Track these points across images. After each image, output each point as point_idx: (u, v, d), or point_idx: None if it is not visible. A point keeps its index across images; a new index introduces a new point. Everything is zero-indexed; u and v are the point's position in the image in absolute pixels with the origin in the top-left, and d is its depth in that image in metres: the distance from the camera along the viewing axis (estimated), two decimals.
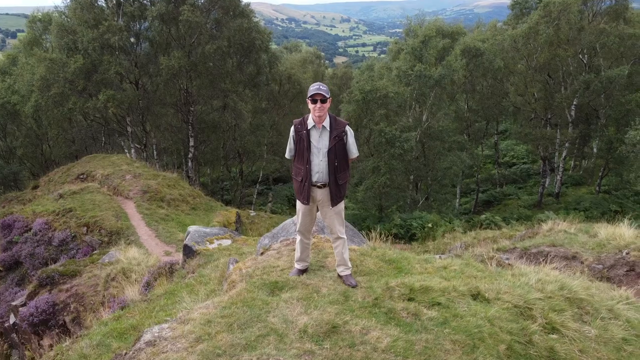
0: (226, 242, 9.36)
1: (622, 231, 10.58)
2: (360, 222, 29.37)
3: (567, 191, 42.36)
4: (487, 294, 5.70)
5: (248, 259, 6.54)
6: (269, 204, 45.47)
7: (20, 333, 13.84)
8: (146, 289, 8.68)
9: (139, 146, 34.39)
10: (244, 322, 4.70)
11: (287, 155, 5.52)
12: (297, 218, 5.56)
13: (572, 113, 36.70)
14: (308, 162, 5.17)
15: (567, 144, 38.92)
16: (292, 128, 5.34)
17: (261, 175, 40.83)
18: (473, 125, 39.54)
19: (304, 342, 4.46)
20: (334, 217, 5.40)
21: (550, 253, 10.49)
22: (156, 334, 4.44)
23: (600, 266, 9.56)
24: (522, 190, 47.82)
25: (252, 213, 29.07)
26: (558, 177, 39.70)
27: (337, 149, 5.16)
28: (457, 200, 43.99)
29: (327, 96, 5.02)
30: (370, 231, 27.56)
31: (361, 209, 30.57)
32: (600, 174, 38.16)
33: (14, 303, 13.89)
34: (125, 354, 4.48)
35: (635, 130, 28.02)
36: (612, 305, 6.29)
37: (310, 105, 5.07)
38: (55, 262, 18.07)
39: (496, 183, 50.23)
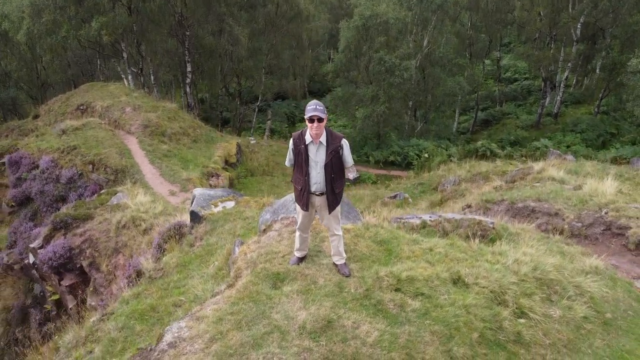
0: (230, 204, 9.94)
1: (605, 187, 11.12)
2: (358, 149, 29.89)
3: (566, 111, 42.36)
4: (467, 279, 6.37)
5: (251, 242, 7.16)
6: (268, 122, 45.64)
7: (40, 271, 14.90)
8: (158, 251, 9.41)
9: (135, 70, 33.90)
10: (251, 319, 5.40)
11: (287, 164, 5.93)
12: (297, 218, 6.07)
13: (578, 32, 35.76)
14: (306, 174, 5.60)
15: (569, 64, 38.35)
16: (291, 141, 5.69)
17: (260, 98, 40.58)
18: (475, 44, 38.62)
19: (303, 339, 5.17)
20: (331, 219, 5.92)
21: (535, 209, 11.13)
22: (176, 335, 5.15)
23: (580, 224, 10.23)
24: (522, 108, 47.73)
25: (252, 140, 29.46)
26: (558, 98, 39.55)
27: (333, 162, 5.56)
28: (456, 119, 44.14)
29: (323, 116, 5.34)
30: (369, 158, 28.30)
31: (360, 135, 30.87)
32: (600, 95, 37.97)
33: (31, 245, 14.80)
34: (150, 350, 5.23)
35: (637, 59, 27.55)
36: (580, 282, 7.00)
37: (308, 124, 5.40)
38: (64, 200, 18.89)
39: (496, 101, 50.01)
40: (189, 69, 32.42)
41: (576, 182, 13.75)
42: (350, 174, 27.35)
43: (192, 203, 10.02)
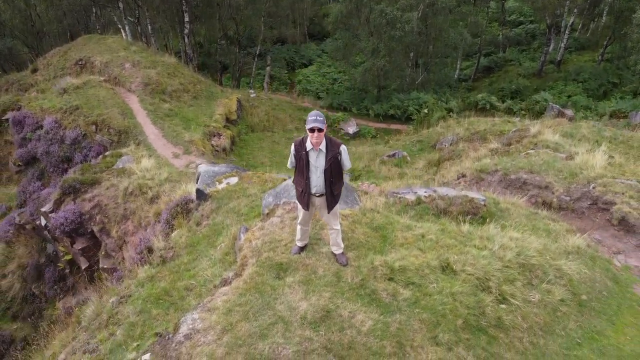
0: (233, 180, 10.35)
1: (596, 160, 11.48)
2: (358, 102, 29.88)
3: (569, 58, 41.79)
4: (455, 266, 6.92)
5: (256, 228, 7.65)
6: (268, 69, 45.19)
7: (52, 234, 15.57)
8: (167, 227, 9.94)
9: (132, 19, 33.26)
10: (257, 310, 5.98)
11: (288, 166, 6.31)
12: (298, 215, 6.53)
13: None
14: (307, 178, 6.00)
15: (576, 9, 37.45)
16: (293, 146, 6.05)
17: (259, 47, 39.93)
18: None
19: (305, 329, 5.77)
20: (330, 217, 6.38)
21: (527, 181, 11.57)
22: (190, 326, 5.75)
23: (568, 198, 10.70)
24: (525, 54, 47.03)
25: (252, 94, 29.41)
26: (562, 44, 38.93)
27: (332, 168, 5.94)
28: (458, 66, 43.63)
29: (323, 127, 5.66)
30: (368, 111, 28.45)
31: (360, 88, 30.73)
32: (605, 42, 37.36)
33: (43, 209, 15.37)
34: (167, 338, 5.84)
35: None
36: (560, 265, 7.56)
37: (309, 133, 5.73)
38: (70, 161, 19.31)
39: (499, 46, 49.17)
40: (186, 19, 31.78)
41: (570, 148, 14.11)
42: (350, 128, 27.59)
43: (197, 180, 10.44)
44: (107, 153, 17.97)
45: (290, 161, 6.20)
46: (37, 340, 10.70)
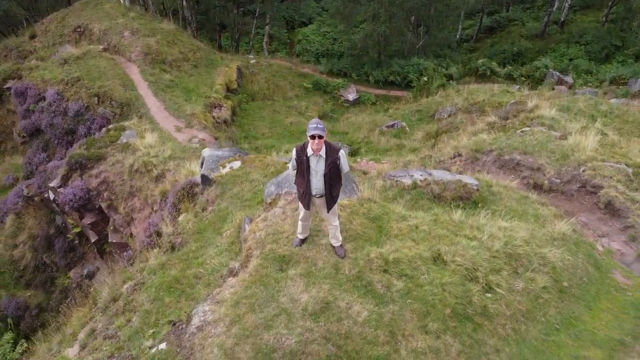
0: (236, 164, 10.73)
1: (588, 142, 11.81)
2: (358, 68, 29.77)
3: (573, 18, 41.18)
4: (445, 257, 7.42)
5: (259, 219, 8.13)
6: (267, 28, 44.63)
7: (61, 208, 16.10)
8: (174, 210, 10.41)
9: None
10: (262, 302, 6.52)
11: (290, 169, 6.71)
12: (299, 212, 6.97)
13: None
14: (308, 180, 6.41)
15: None
16: (294, 151, 6.42)
17: (258, 8, 39.28)
18: None
19: (306, 320, 6.32)
20: (330, 215, 6.83)
21: (520, 162, 11.96)
22: (202, 318, 6.32)
23: (558, 180, 11.12)
24: (529, 12, 46.28)
25: (252, 60, 29.27)
26: (567, 4, 38.30)
27: (331, 172, 6.33)
28: (460, 26, 43.04)
29: (323, 134, 6.02)
30: (368, 77, 28.54)
31: (360, 54, 30.52)
32: (610, 3, 36.75)
33: (51, 185, 15.83)
34: (181, 327, 6.42)
35: None
36: (545, 254, 8.07)
37: (310, 140, 6.09)
38: (73, 133, 19.62)
39: (502, 4, 48.32)
40: None
41: (565, 124, 14.41)
42: (350, 95, 27.66)
43: (201, 165, 10.83)
44: (110, 126, 18.26)
45: (292, 164, 6.58)
46: (56, 319, 11.36)
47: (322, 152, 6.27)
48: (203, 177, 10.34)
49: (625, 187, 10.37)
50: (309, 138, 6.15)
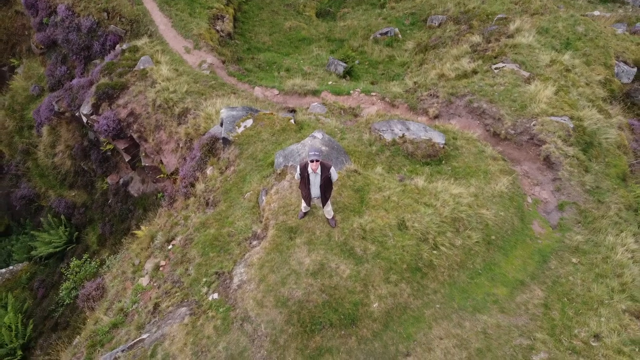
0: (249, 123, 13.01)
1: (546, 93, 13.88)
2: None
3: None
4: (408, 224, 10.38)
5: (272, 191, 10.92)
6: None
7: (96, 134, 18.56)
8: (202, 163, 13.00)
9: None
10: (279, 265, 9.65)
11: (295, 178, 9.32)
12: (302, 202, 9.76)
13: None
14: (308, 190, 9.10)
15: None
16: (298, 168, 8.97)
17: None
18: None
19: (308, 277, 9.51)
20: (325, 208, 9.64)
21: (486, 110, 14.22)
22: (239, 278, 9.52)
23: (513, 132, 13.56)
24: None
25: None
26: None
27: (325, 183, 8.99)
28: None
29: (320, 159, 8.55)
30: None
31: None
32: None
33: (83, 112, 18.04)
34: (225, 281, 9.68)
35: None
36: (483, 214, 11.00)
37: (309, 162, 8.62)
38: (89, 49, 21.13)
39: None
40: None
41: (538, 57, 16.16)
42: None
43: (221, 124, 13.17)
44: (124, 46, 19.80)
45: (297, 177, 9.20)
46: (119, 249, 14.69)
47: (318, 170, 8.86)
48: (224, 139, 12.79)
49: (563, 142, 12.88)
50: (308, 160, 8.69)
